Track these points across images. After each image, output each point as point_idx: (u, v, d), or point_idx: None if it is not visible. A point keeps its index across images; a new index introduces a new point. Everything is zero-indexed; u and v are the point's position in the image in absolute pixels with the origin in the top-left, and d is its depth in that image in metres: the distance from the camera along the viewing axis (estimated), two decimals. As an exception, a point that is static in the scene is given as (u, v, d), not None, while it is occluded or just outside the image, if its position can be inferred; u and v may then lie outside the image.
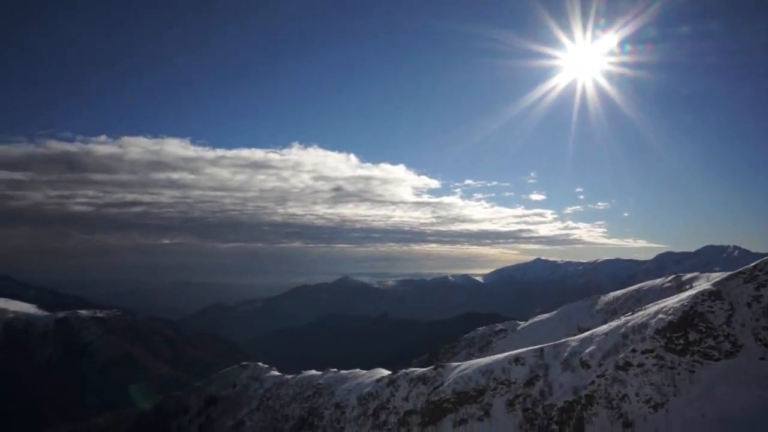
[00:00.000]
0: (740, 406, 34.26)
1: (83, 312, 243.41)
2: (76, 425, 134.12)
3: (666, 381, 39.40)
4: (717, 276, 52.60)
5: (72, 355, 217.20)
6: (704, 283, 52.91)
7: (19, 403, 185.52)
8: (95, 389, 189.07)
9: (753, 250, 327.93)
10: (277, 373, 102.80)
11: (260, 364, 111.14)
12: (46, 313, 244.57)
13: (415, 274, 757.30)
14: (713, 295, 42.14)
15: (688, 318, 41.78)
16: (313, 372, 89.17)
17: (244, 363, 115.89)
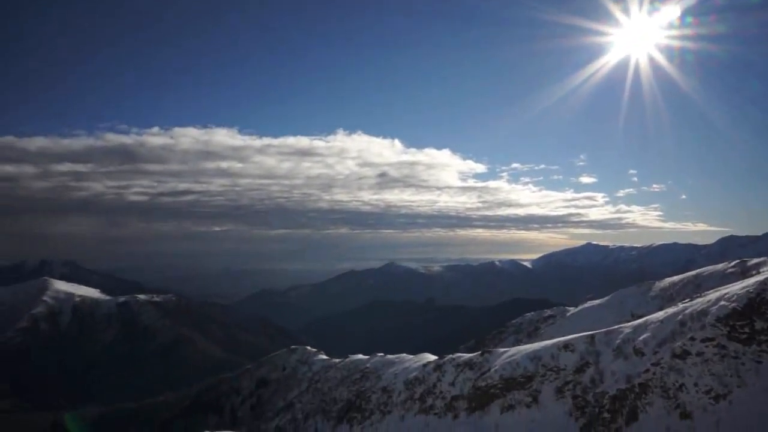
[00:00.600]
0: (812, 399, 32.17)
1: (141, 296, 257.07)
2: (138, 402, 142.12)
3: (729, 371, 37.41)
4: (785, 261, 49.33)
5: (132, 336, 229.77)
6: (771, 268, 49.80)
7: (85, 380, 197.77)
8: (154, 369, 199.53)
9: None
10: (325, 357, 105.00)
11: (308, 348, 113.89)
12: (108, 297, 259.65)
13: (461, 259, 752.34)
14: (782, 280, 39.53)
15: (754, 305, 39.36)
16: (360, 356, 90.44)
17: (293, 347, 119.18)
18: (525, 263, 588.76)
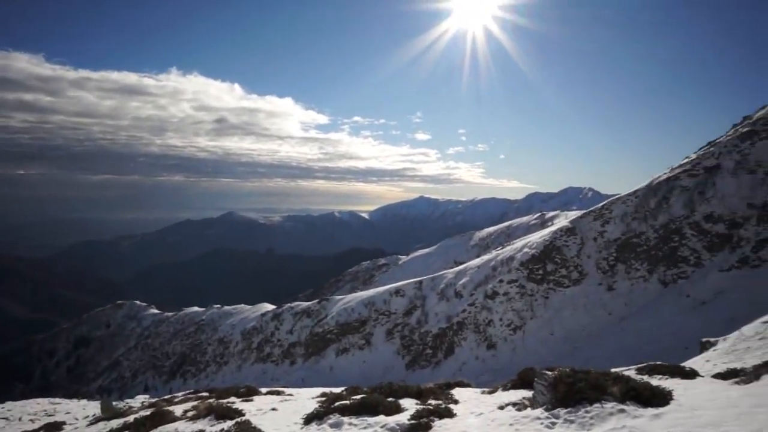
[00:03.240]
0: (580, 324, 39.99)
1: None
2: None
3: (525, 307, 44.51)
4: (574, 214, 59.12)
5: None
6: (563, 220, 59.35)
7: None
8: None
9: (603, 192, 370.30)
10: (156, 311, 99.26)
11: (138, 302, 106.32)
12: None
13: (302, 210, 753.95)
14: (569, 231, 47.54)
15: (548, 251, 46.96)
16: (196, 309, 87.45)
17: (120, 302, 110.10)
18: (363, 214, 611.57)
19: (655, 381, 8.18)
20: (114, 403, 17.01)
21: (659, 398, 6.53)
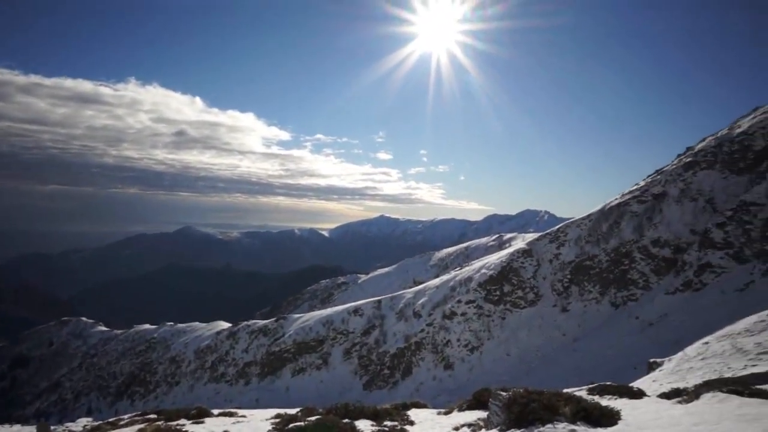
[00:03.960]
0: (535, 345, 40.73)
1: None
2: None
3: (483, 327, 45.03)
4: (531, 237, 60.58)
5: None
6: (520, 242, 60.67)
7: None
8: None
9: (559, 215, 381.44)
10: (104, 328, 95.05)
11: (84, 319, 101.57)
12: None
13: (261, 226, 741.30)
14: (526, 253, 48.64)
15: (505, 272, 47.84)
16: (147, 326, 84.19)
17: (65, 318, 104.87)
18: (323, 232, 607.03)
19: (605, 401, 8.44)
20: (52, 427, 16.05)
21: (608, 418, 6.75)
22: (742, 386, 8.41)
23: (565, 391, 8.61)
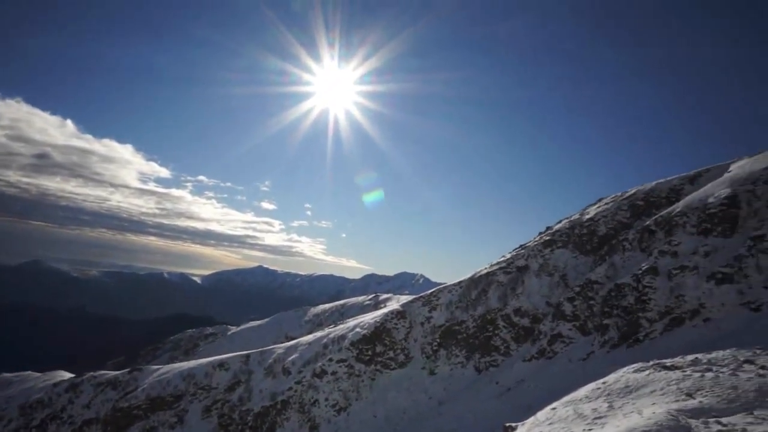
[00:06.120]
0: (402, 407, 41.09)
1: None
2: None
3: (352, 387, 44.57)
4: (405, 298, 62.36)
5: None
6: (395, 303, 62.09)
7: None
8: None
9: (433, 279, 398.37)
10: None
11: None
12: None
13: (126, 266, 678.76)
14: (399, 314, 49.79)
15: (378, 332, 48.35)
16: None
17: None
18: (196, 278, 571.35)
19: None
20: None
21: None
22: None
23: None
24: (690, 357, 21.03)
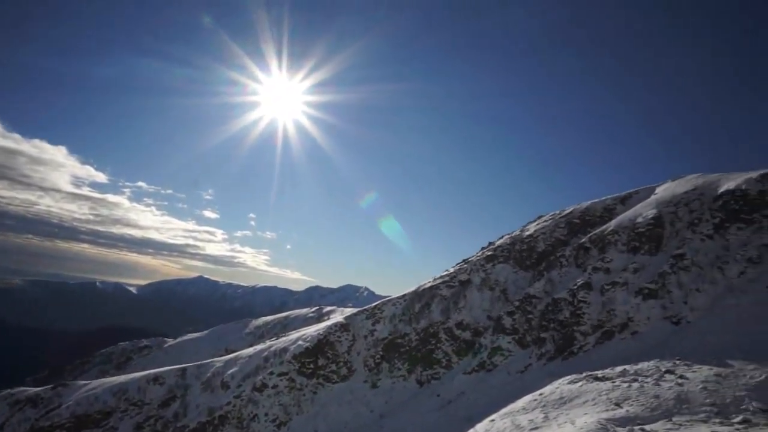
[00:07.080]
0: (343, 420, 40.74)
1: None
2: None
3: (293, 401, 43.79)
4: (349, 311, 62.08)
5: None
6: (339, 316, 61.71)
7: None
8: None
9: (378, 292, 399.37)
10: None
11: None
12: None
13: (55, 275, 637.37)
14: (343, 327, 49.54)
15: (321, 345, 47.87)
16: None
17: None
18: (131, 288, 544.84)
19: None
20: None
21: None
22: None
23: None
24: (619, 368, 22.22)
